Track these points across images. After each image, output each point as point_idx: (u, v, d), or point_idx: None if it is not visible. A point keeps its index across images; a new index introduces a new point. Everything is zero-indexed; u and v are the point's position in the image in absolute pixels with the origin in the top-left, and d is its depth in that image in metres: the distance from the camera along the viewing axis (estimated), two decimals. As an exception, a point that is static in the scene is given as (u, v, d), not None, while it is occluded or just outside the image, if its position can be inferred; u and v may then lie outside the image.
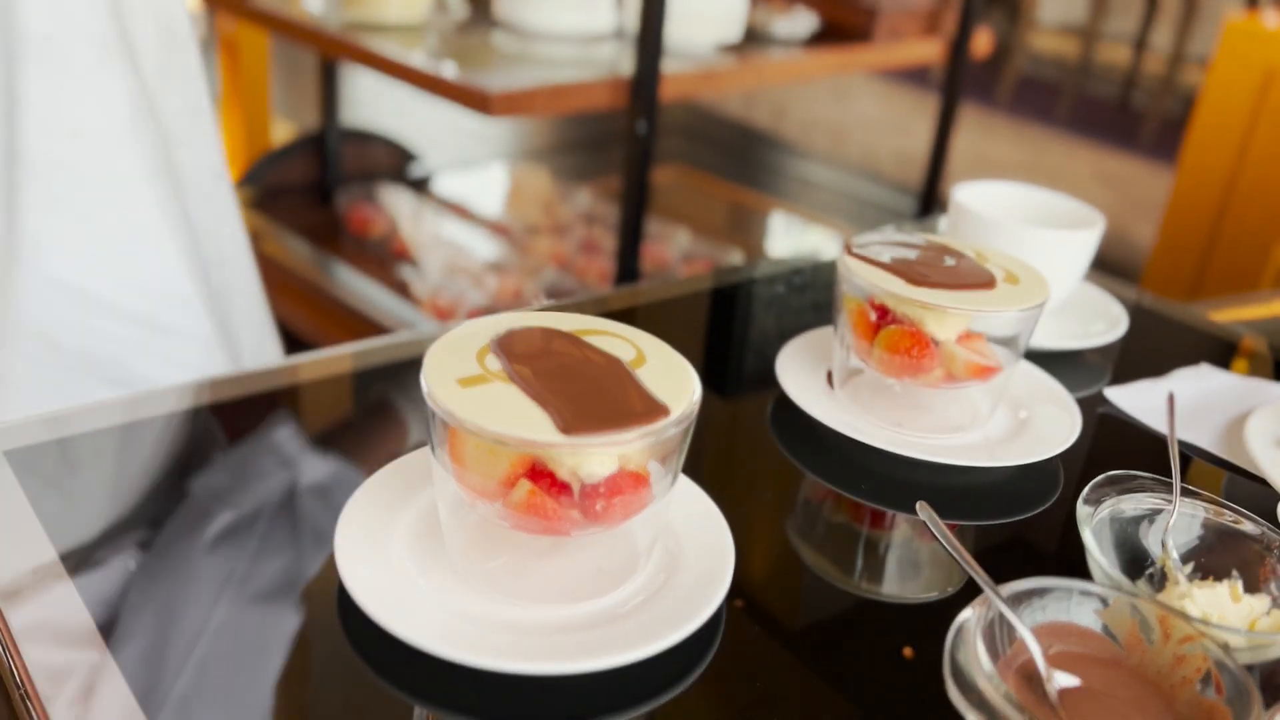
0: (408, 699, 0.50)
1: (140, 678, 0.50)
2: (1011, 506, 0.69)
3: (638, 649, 0.50)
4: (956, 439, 0.72)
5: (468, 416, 0.49)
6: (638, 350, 0.56)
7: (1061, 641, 0.52)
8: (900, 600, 0.61)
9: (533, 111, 1.40)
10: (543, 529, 0.52)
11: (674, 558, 0.57)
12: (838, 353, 0.75)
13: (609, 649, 0.50)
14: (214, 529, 0.63)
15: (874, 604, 0.60)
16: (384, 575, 0.54)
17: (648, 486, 0.52)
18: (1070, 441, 0.71)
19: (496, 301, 1.71)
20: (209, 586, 0.57)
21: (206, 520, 0.63)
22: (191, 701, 0.50)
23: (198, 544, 0.61)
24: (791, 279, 1.02)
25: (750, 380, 0.84)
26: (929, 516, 0.56)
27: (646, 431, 0.49)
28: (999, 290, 0.69)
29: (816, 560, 0.64)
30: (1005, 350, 0.70)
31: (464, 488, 0.52)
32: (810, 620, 0.59)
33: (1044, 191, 0.92)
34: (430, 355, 0.53)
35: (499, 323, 0.57)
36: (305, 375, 0.79)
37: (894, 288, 0.67)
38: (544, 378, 0.52)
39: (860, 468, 0.70)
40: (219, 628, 0.55)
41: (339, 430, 0.74)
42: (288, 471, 0.68)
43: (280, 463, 0.69)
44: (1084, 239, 0.84)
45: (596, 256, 1.95)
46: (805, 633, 0.58)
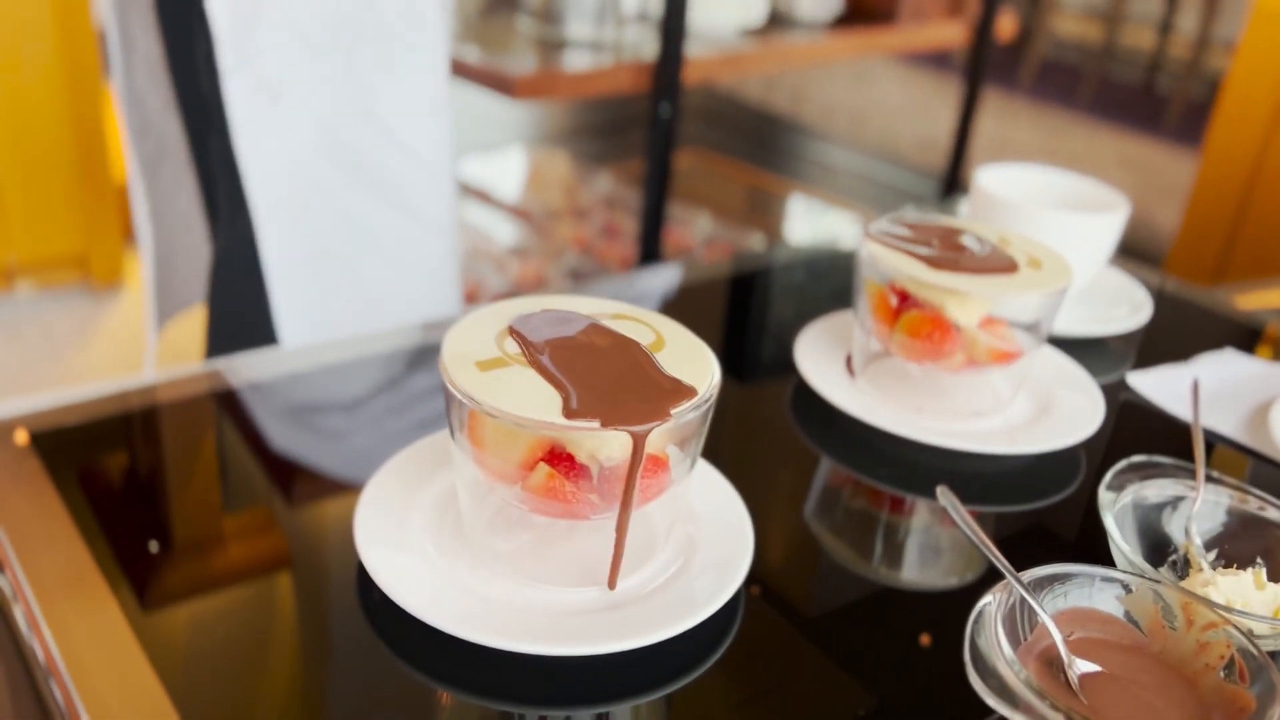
0: (425, 679, 0.50)
1: (166, 657, 0.50)
2: (1033, 492, 0.68)
3: (654, 633, 0.50)
4: (977, 425, 0.71)
5: (486, 400, 0.49)
6: (657, 334, 0.56)
7: (1083, 627, 0.51)
8: (920, 586, 0.61)
9: (555, 95, 1.40)
10: (561, 512, 0.52)
11: (692, 542, 0.57)
12: (858, 337, 0.74)
13: (625, 632, 0.50)
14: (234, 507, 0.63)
15: (893, 590, 0.60)
16: (402, 555, 0.54)
17: (667, 470, 0.52)
18: (1093, 429, 0.70)
19: (519, 285, 1.71)
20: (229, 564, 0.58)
21: (226, 498, 0.64)
22: (212, 677, 0.50)
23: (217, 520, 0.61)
24: (811, 265, 1.01)
25: (769, 365, 0.84)
26: (950, 502, 0.55)
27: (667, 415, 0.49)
28: (1021, 275, 0.68)
29: (835, 546, 0.64)
30: (1027, 335, 0.69)
31: (482, 470, 0.52)
32: (828, 606, 0.59)
33: (1068, 175, 0.91)
34: (449, 339, 0.53)
35: (517, 307, 0.57)
36: (328, 358, 0.79)
37: (916, 272, 0.67)
38: (562, 361, 0.51)
39: (880, 453, 0.70)
40: (240, 606, 0.55)
41: (360, 413, 0.74)
42: (309, 453, 0.68)
43: (301, 445, 0.69)
44: (1108, 223, 0.84)
45: (617, 240, 1.95)
46: (823, 618, 0.58)
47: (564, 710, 0.49)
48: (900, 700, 0.52)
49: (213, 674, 0.51)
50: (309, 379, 0.77)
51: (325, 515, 0.63)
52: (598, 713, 0.50)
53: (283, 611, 0.55)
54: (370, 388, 0.77)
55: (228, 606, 0.55)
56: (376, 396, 0.76)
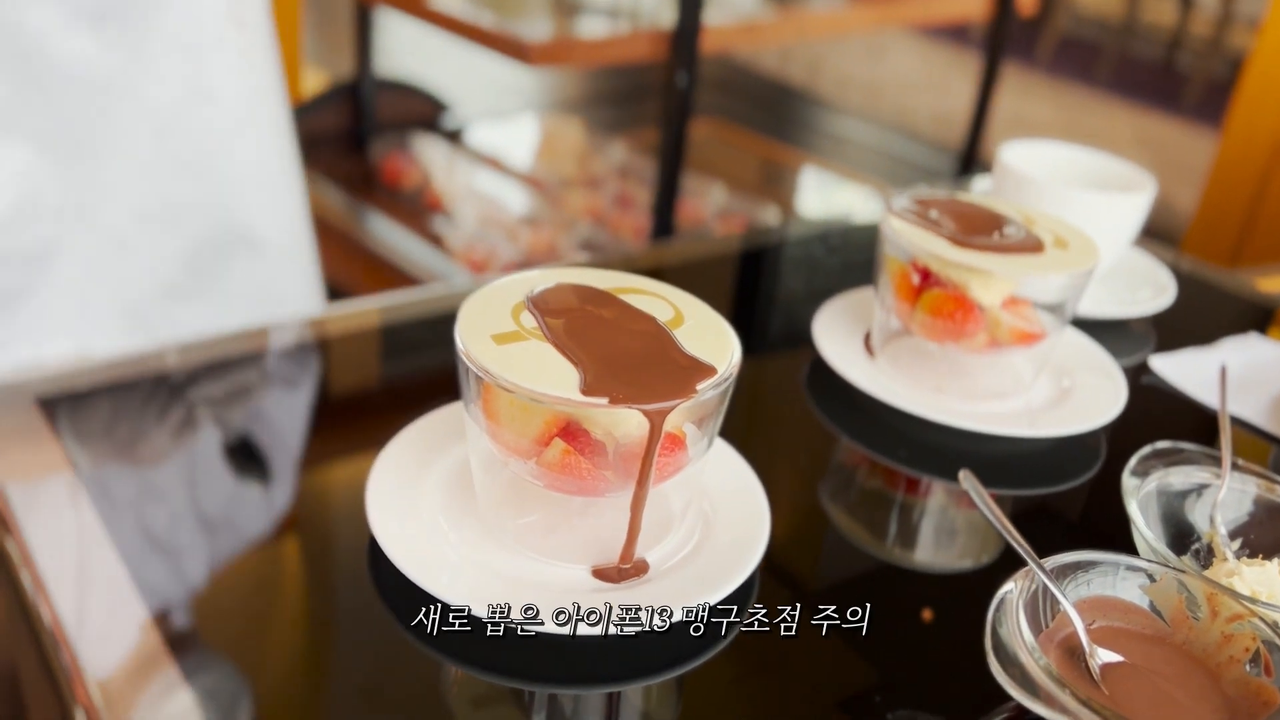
0: (436, 654, 0.50)
1: (170, 627, 0.50)
2: (1052, 476, 0.67)
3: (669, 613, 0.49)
4: (997, 406, 0.70)
5: (503, 374, 0.48)
6: (675, 310, 0.54)
7: (1105, 616, 0.50)
8: (936, 567, 0.60)
9: (571, 62, 1.39)
10: (576, 489, 0.51)
11: (708, 521, 0.56)
12: (878, 315, 0.73)
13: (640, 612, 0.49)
14: (245, 479, 0.63)
15: (910, 573, 0.59)
16: (415, 529, 0.53)
17: (684, 449, 0.51)
18: (1114, 414, 0.69)
19: (530, 256, 1.69)
20: (240, 536, 0.57)
21: (237, 471, 0.63)
22: (220, 651, 0.49)
23: (228, 494, 0.61)
24: (828, 239, 1.00)
25: (786, 342, 0.83)
26: (972, 486, 0.55)
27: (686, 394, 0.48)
28: (1048, 255, 0.67)
29: (851, 526, 0.63)
30: (1051, 316, 0.68)
31: (497, 444, 0.51)
32: (845, 588, 0.58)
33: (1092, 153, 0.89)
34: (465, 310, 0.52)
35: (533, 279, 0.55)
36: (341, 327, 0.78)
37: (940, 250, 0.66)
38: (580, 336, 0.50)
39: (898, 433, 0.69)
40: (250, 577, 0.54)
41: (373, 382, 0.73)
42: (320, 423, 0.68)
43: (313, 414, 0.68)
44: (1133, 203, 0.82)
45: (630, 211, 1.93)
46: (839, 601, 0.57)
47: (574, 689, 0.49)
48: (916, 684, 0.52)
49: (219, 641, 0.50)
50: (319, 348, 0.76)
51: (337, 484, 0.62)
52: (609, 692, 0.49)
53: (291, 581, 0.55)
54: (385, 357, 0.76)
55: (236, 573, 0.55)
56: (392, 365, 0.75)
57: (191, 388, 0.69)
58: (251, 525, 0.59)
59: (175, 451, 0.64)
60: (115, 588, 0.52)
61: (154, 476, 0.61)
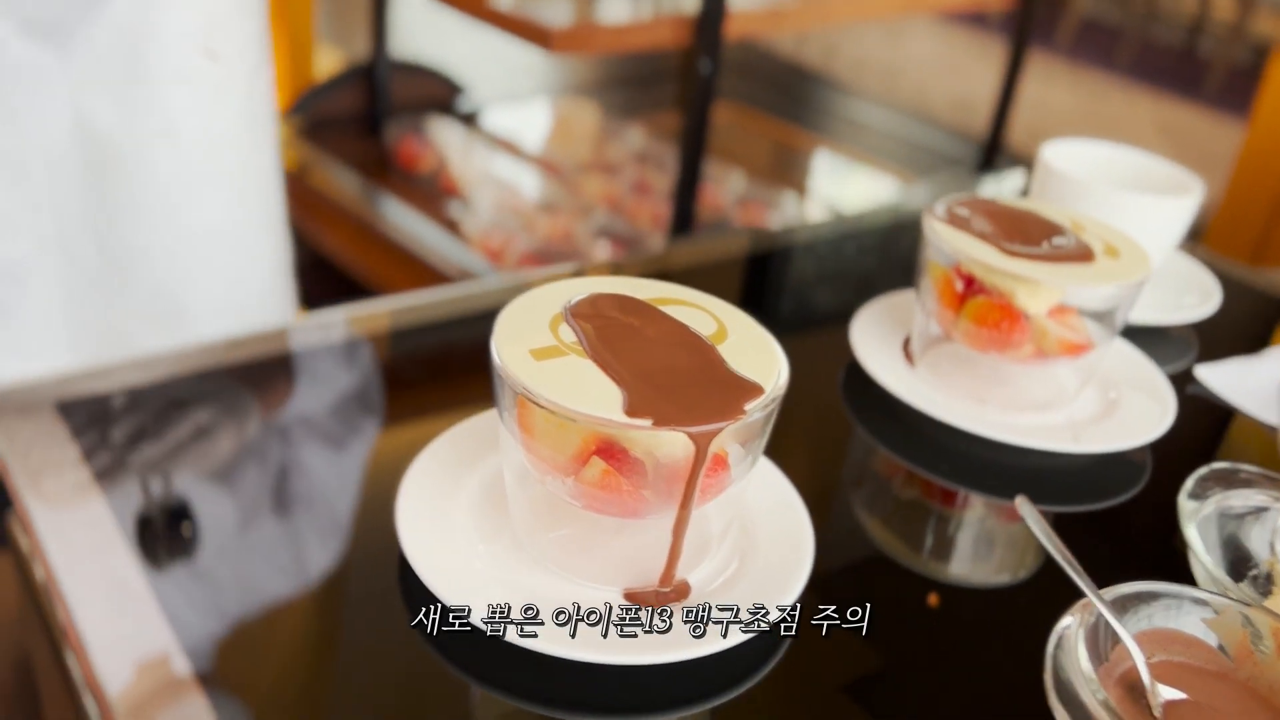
0: (459, 673, 0.48)
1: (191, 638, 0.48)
2: (1096, 492, 0.65)
3: (709, 642, 0.47)
4: (1041, 419, 0.68)
5: (543, 392, 0.46)
6: (719, 323, 0.52)
7: (1165, 650, 0.48)
8: (978, 583, 0.58)
9: (594, 48, 1.36)
10: (616, 510, 0.49)
11: (749, 541, 0.54)
12: (918, 320, 0.71)
13: (678, 640, 0.48)
14: (270, 486, 0.61)
15: (957, 593, 0.57)
16: (445, 545, 0.52)
17: (727, 469, 0.49)
18: (1161, 431, 0.66)
19: (548, 244, 1.67)
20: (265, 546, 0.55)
21: (263, 478, 0.61)
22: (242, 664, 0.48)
23: (253, 502, 0.59)
24: (861, 237, 0.98)
25: (820, 345, 0.81)
26: (1030, 514, 0.52)
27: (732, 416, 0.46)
28: (1099, 264, 0.64)
29: (892, 543, 0.61)
30: (1099, 327, 0.65)
31: (532, 460, 0.49)
32: (889, 612, 0.56)
33: (1137, 152, 0.86)
34: (501, 323, 0.50)
35: (570, 289, 0.53)
36: (367, 327, 0.76)
37: (987, 258, 0.63)
38: (621, 352, 0.48)
39: (939, 446, 0.67)
40: (275, 588, 0.52)
41: (403, 387, 0.71)
42: (347, 429, 0.66)
43: (340, 420, 0.67)
44: (1181, 206, 0.80)
45: (649, 198, 1.91)
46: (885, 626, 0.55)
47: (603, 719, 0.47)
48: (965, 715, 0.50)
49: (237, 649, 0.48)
50: (343, 350, 0.74)
51: (366, 493, 0.60)
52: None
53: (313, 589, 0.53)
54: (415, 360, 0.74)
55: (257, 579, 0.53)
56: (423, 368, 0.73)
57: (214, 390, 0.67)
58: (274, 534, 0.57)
59: (196, 455, 0.62)
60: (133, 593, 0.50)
61: (176, 480, 0.59)
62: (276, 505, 0.59)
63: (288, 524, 0.58)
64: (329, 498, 0.60)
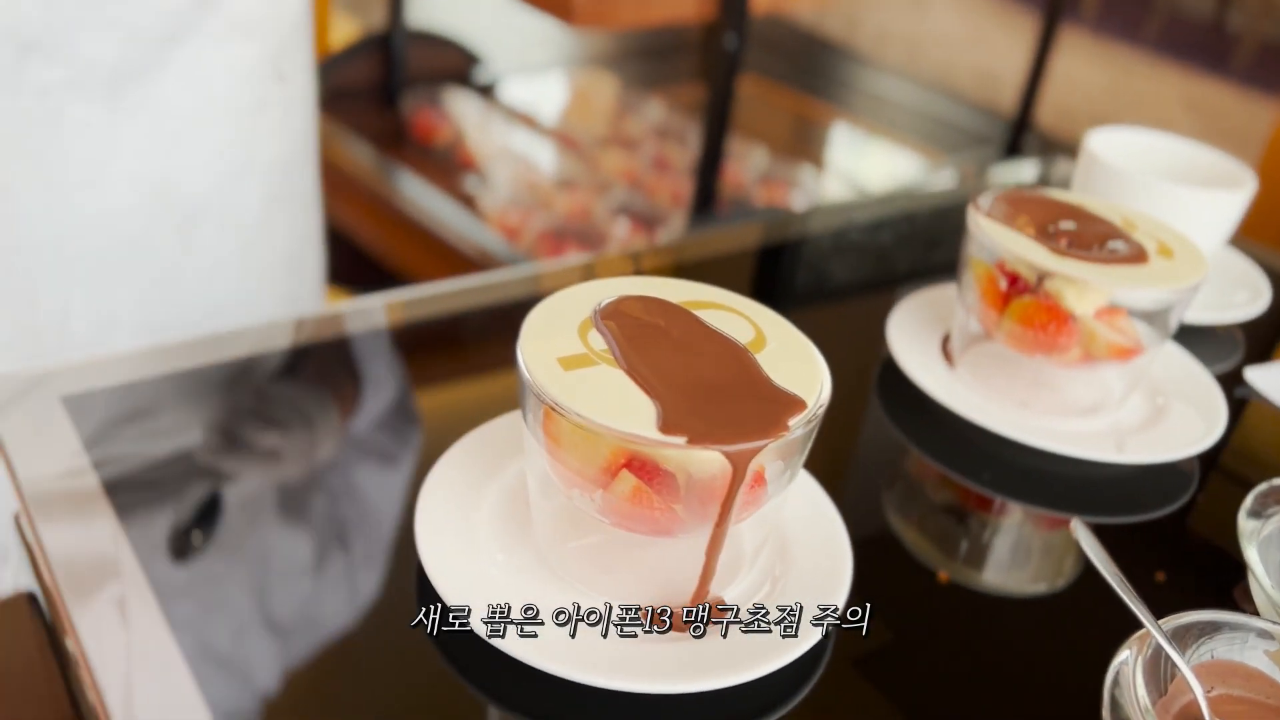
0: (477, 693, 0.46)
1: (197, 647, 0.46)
2: (1142, 504, 0.62)
3: (743, 669, 0.45)
4: (1086, 425, 0.65)
5: (573, 405, 0.43)
6: (756, 329, 0.49)
7: (1224, 683, 0.46)
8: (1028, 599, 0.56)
9: (617, 22, 1.32)
10: (646, 528, 0.46)
11: (783, 558, 0.52)
12: (958, 317, 0.68)
13: (709, 668, 0.45)
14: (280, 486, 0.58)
15: (1004, 610, 0.55)
16: (465, 556, 0.49)
17: (764, 485, 0.46)
18: (1211, 441, 0.63)
19: (566, 222, 1.64)
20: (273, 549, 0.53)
21: (273, 477, 0.59)
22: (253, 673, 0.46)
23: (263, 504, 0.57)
24: (895, 224, 0.94)
25: (853, 343, 0.77)
26: (1086, 538, 0.50)
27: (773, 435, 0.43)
28: (1152, 265, 0.61)
29: (929, 552, 0.58)
30: (1150, 329, 0.62)
31: (558, 471, 0.47)
32: (931, 630, 0.54)
33: (1186, 142, 0.83)
34: (528, 327, 0.47)
35: (599, 290, 0.51)
36: (387, 318, 0.73)
37: (1035, 257, 0.60)
38: (654, 362, 0.46)
39: (980, 452, 0.64)
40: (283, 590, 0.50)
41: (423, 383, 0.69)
42: (363, 428, 0.63)
43: (357, 418, 0.64)
44: (1232, 200, 0.76)
45: (669, 175, 1.87)
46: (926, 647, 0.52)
47: None
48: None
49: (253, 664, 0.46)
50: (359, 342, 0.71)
51: (385, 497, 0.58)
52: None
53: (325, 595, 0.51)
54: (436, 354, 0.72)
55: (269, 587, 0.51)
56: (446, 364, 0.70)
57: (229, 381, 0.65)
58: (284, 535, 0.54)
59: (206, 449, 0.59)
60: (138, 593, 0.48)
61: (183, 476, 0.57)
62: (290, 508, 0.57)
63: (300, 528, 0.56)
64: (347, 499, 0.58)
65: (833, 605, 0.48)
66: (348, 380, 0.67)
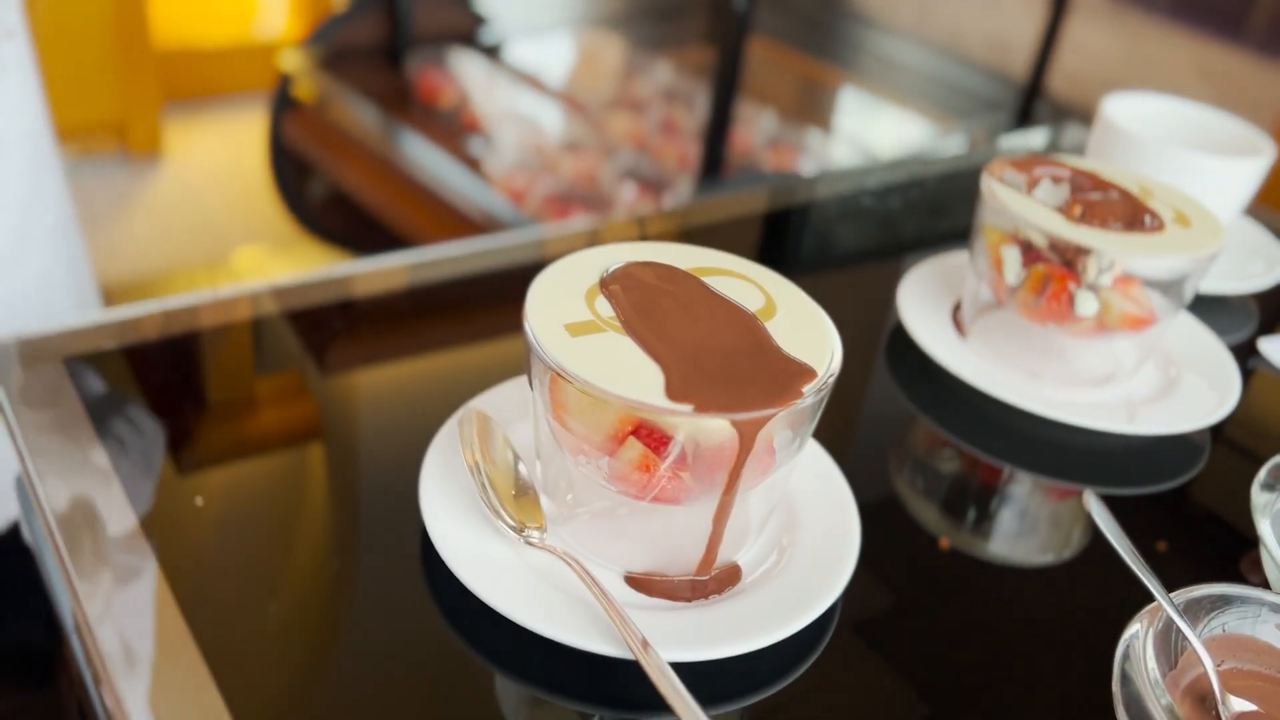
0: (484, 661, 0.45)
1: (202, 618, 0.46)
2: (1154, 475, 0.62)
3: (750, 638, 0.45)
4: (1097, 395, 0.64)
5: (579, 372, 0.42)
6: (766, 296, 0.49)
7: (1235, 657, 0.45)
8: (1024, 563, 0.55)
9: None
10: (653, 495, 0.46)
11: (791, 527, 0.51)
12: (970, 285, 0.67)
13: (716, 636, 0.45)
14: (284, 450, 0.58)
15: (1013, 579, 0.54)
16: (469, 526, 0.49)
17: (772, 455, 0.46)
18: (1224, 413, 0.63)
19: (572, 186, 1.62)
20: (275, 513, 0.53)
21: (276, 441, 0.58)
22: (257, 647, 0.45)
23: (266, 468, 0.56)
24: (906, 189, 0.93)
25: (863, 310, 0.77)
26: (1100, 512, 0.49)
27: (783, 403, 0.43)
28: (1169, 234, 0.60)
29: (943, 528, 0.58)
30: (1165, 299, 0.62)
31: (565, 436, 0.46)
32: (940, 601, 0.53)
33: (1203, 108, 0.82)
34: (534, 293, 0.47)
35: (606, 256, 0.50)
36: (389, 282, 0.73)
37: (1050, 225, 0.59)
38: (662, 329, 0.45)
39: (991, 421, 0.63)
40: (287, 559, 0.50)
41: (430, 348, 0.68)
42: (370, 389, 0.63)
43: (361, 382, 0.63)
44: (1250, 168, 0.75)
45: (676, 138, 1.85)
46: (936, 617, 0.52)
47: (635, 714, 0.44)
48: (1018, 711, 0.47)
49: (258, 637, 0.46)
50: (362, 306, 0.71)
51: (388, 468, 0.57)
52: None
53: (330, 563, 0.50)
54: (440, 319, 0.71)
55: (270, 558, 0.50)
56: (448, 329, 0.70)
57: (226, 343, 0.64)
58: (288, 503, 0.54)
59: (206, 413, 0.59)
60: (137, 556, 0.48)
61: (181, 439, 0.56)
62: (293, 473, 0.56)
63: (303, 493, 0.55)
64: (350, 465, 0.57)
65: (841, 574, 0.48)
66: (351, 344, 0.66)
